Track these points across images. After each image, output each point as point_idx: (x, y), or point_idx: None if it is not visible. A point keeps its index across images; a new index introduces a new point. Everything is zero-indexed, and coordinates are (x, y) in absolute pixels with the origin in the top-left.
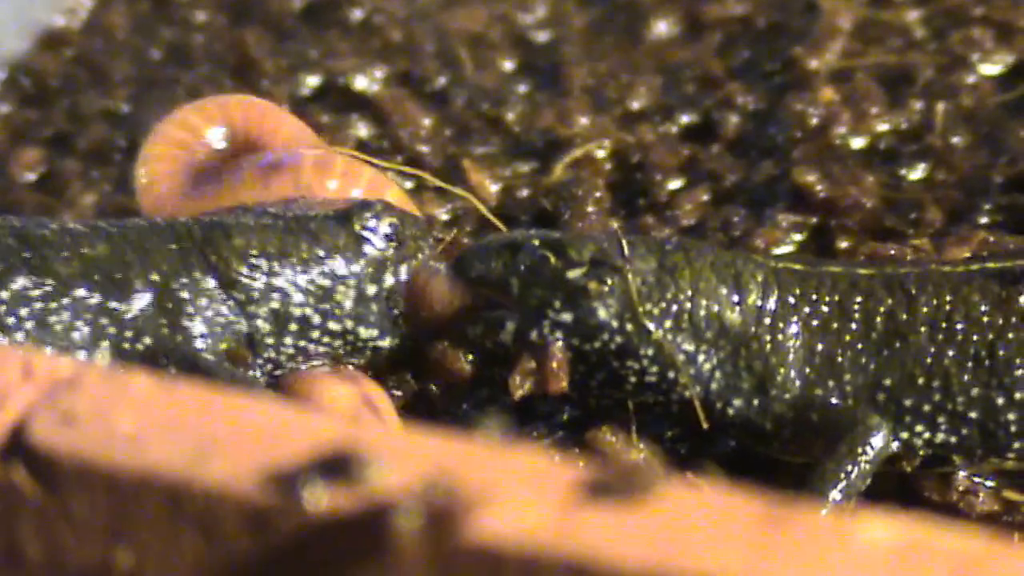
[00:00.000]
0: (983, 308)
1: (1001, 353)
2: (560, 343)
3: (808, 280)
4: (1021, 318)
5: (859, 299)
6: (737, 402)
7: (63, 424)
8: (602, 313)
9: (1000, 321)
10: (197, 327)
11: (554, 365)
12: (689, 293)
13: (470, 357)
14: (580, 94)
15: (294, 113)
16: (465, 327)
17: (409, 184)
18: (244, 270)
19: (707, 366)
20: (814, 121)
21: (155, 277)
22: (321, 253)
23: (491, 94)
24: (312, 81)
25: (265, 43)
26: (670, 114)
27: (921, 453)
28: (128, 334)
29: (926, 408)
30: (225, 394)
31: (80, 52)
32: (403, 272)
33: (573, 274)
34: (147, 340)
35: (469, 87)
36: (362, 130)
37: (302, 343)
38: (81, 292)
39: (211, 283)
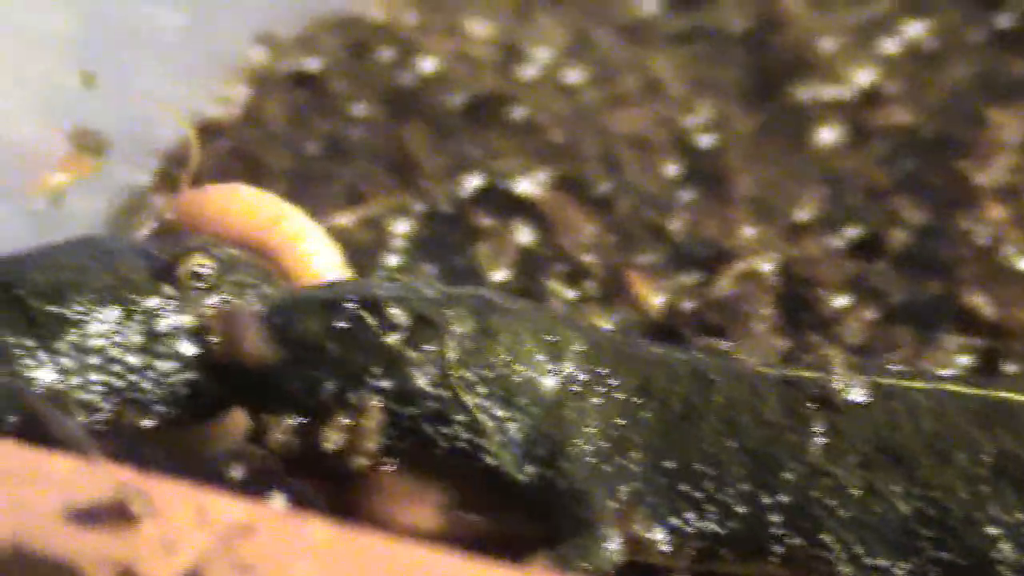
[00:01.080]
0: (772, 407)
1: (775, 453)
2: (378, 405)
3: (622, 353)
4: (802, 424)
5: (663, 379)
6: (529, 469)
7: (240, 574)
8: (420, 381)
9: (784, 423)
10: (31, 371)
11: (370, 423)
12: (505, 359)
13: (290, 421)
14: (745, 203)
15: (454, 213)
16: (282, 383)
17: (572, 295)
18: (38, 304)
19: (516, 433)
20: (981, 240)
21: None
22: (113, 283)
23: (655, 201)
24: (473, 182)
25: (425, 140)
26: (836, 227)
27: (692, 546)
28: None
29: (698, 495)
30: (409, 544)
31: (235, 143)
32: (207, 312)
33: (392, 339)
34: None
35: (633, 193)
36: (524, 236)
37: (107, 379)
38: None
39: (21, 322)
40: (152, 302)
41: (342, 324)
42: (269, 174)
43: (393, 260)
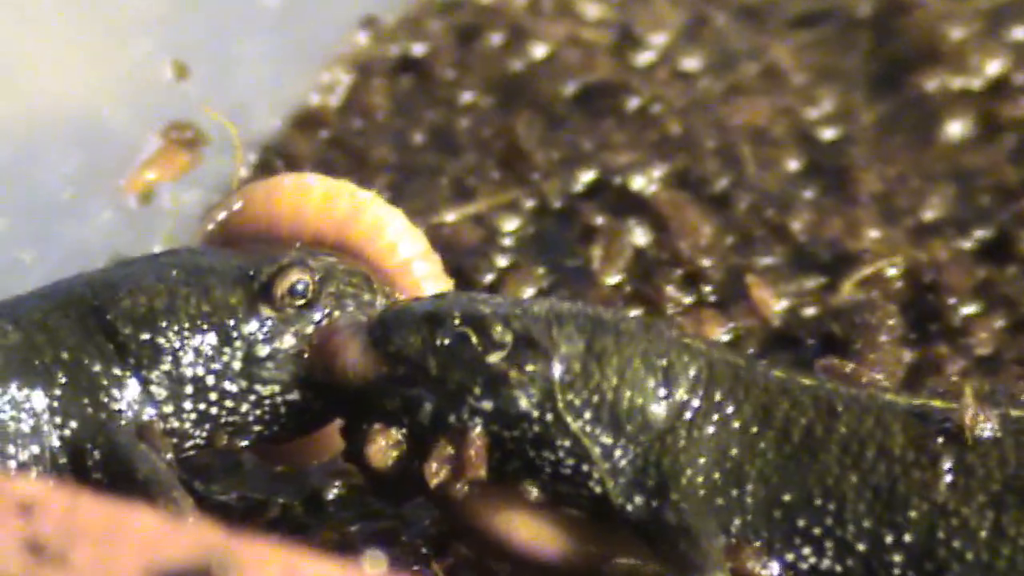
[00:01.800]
0: (899, 441)
1: (901, 490)
2: (479, 429)
3: (740, 378)
4: (930, 459)
5: (784, 407)
6: (638, 499)
7: None
8: (523, 403)
9: (910, 458)
10: (115, 402)
11: (472, 453)
12: (614, 383)
13: (395, 435)
14: (869, 202)
15: (565, 209)
16: (382, 400)
17: (689, 300)
18: (129, 331)
19: (623, 461)
20: None
21: (65, 355)
22: (208, 310)
23: (776, 199)
24: (586, 177)
25: (535, 130)
26: (964, 228)
27: None
28: (57, 420)
29: (816, 531)
30: None
31: (336, 134)
32: (308, 331)
33: (494, 359)
34: (73, 424)
35: (752, 190)
36: (639, 237)
37: (202, 407)
38: (13, 386)
39: (111, 349)
40: (250, 327)
41: (445, 341)
42: (371, 166)
43: (502, 260)
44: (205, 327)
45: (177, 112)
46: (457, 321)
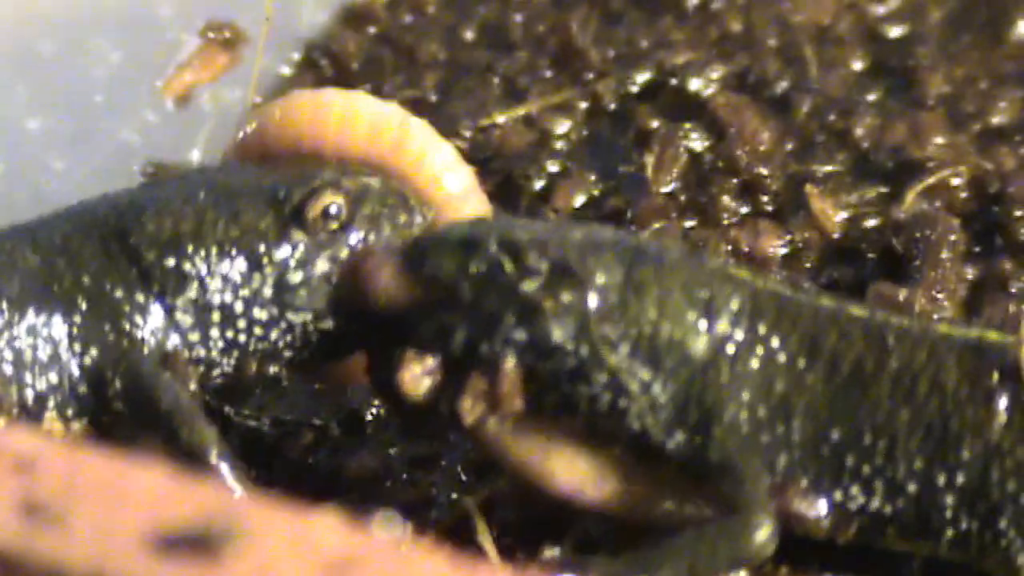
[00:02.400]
0: (952, 376)
1: (954, 428)
2: (513, 361)
3: (786, 309)
4: (985, 396)
5: (832, 338)
6: (679, 436)
7: None
8: (557, 334)
9: (964, 394)
10: (138, 329)
11: (507, 386)
12: (653, 316)
13: (430, 361)
14: (935, 105)
15: (620, 111)
16: (416, 326)
17: (745, 210)
18: (153, 257)
19: (662, 396)
20: None
21: (86, 280)
22: (237, 234)
23: (838, 102)
24: (642, 78)
25: (590, 27)
26: None
27: (855, 522)
28: (77, 348)
29: (866, 469)
30: None
31: (385, 30)
32: (343, 255)
33: (528, 287)
34: (94, 352)
35: (814, 92)
36: (695, 143)
37: (230, 334)
38: (30, 312)
39: (134, 274)
40: (281, 251)
41: (479, 266)
42: (420, 64)
43: (553, 166)
44: (234, 252)
45: (220, 10)
46: (493, 247)
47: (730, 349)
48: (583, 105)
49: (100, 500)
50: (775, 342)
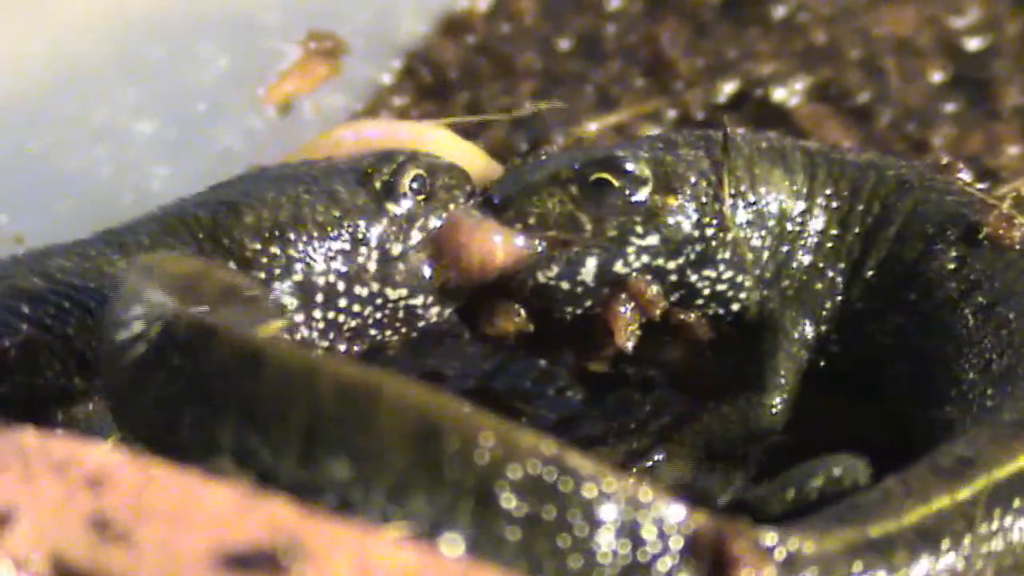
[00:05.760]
0: (931, 223)
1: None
2: (645, 270)
3: (833, 162)
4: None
5: (871, 182)
6: (755, 294)
7: None
8: (686, 226)
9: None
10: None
11: (651, 292)
12: (749, 182)
13: (524, 314)
14: (1011, 117)
15: (709, 121)
16: (534, 273)
17: None
18: (259, 246)
19: (766, 262)
20: None
21: None
22: (338, 214)
23: (918, 113)
24: (729, 88)
25: (681, 38)
26: None
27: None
28: None
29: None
30: None
31: (483, 39)
32: (434, 226)
33: (644, 194)
34: None
35: (894, 103)
36: None
37: (331, 314)
38: None
39: (232, 268)
40: (381, 226)
41: (588, 192)
42: (517, 73)
43: None
44: (336, 232)
45: (322, 19)
46: (592, 170)
47: (801, 203)
48: (672, 114)
49: (168, 518)
50: (829, 189)
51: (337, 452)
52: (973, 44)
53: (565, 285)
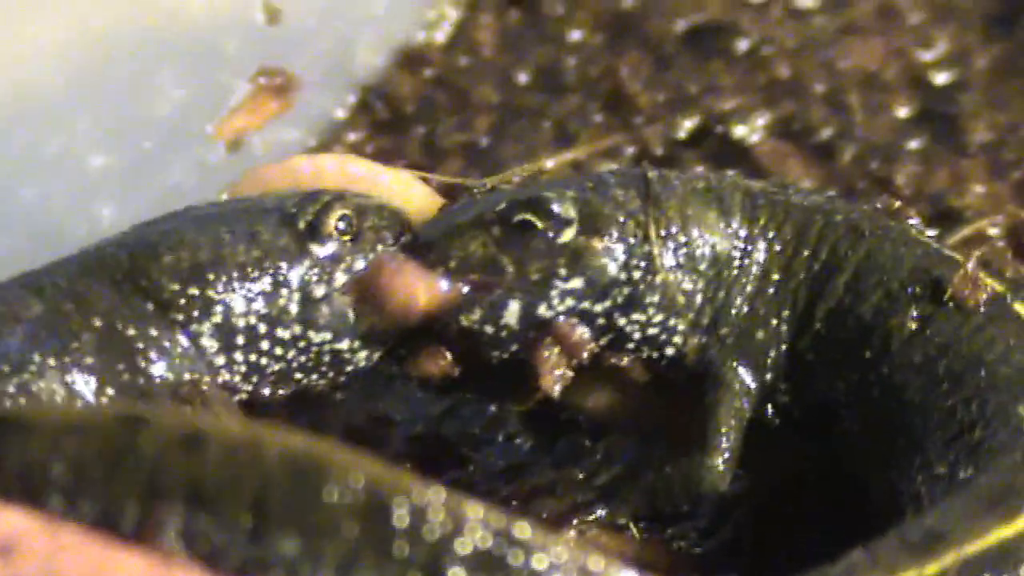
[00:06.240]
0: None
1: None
2: (571, 313)
3: (778, 202)
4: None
5: (818, 226)
6: (693, 340)
7: None
8: (613, 268)
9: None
10: (153, 365)
11: (577, 335)
12: (681, 224)
13: (449, 357)
14: (976, 153)
15: (668, 157)
16: (457, 316)
17: None
18: (177, 287)
19: (703, 306)
20: None
21: (97, 322)
22: (259, 255)
23: (881, 149)
24: (689, 124)
25: (642, 71)
26: None
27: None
28: (93, 388)
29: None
30: None
31: (441, 72)
32: (359, 268)
33: (569, 235)
34: (109, 391)
35: (858, 139)
36: None
37: (252, 357)
38: (36, 358)
39: (150, 309)
40: (303, 268)
41: (510, 235)
42: (474, 106)
43: None
44: (256, 274)
45: (279, 47)
46: (515, 212)
47: (739, 245)
48: (631, 150)
49: None
50: (771, 233)
51: (286, 527)
52: (941, 78)
53: (489, 329)
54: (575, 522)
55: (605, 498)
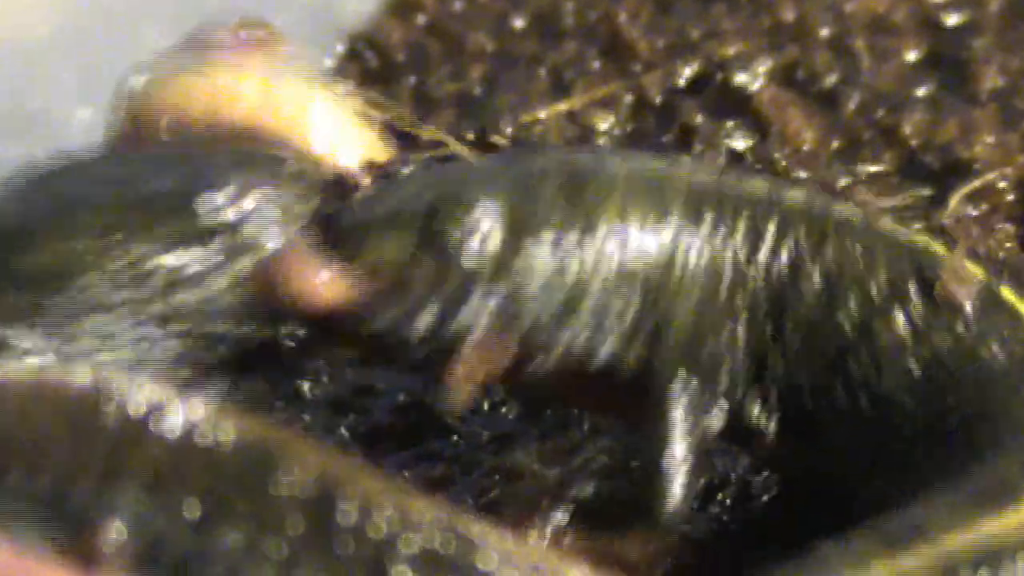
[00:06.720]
0: (876, 279)
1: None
2: (495, 315)
3: (728, 196)
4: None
5: (775, 224)
6: (636, 349)
7: None
8: (538, 276)
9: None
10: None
11: (497, 347)
12: (616, 226)
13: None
14: (987, 101)
15: (665, 106)
16: (369, 318)
17: None
18: (42, 284)
19: (641, 313)
20: None
21: None
22: (131, 260)
23: (888, 97)
24: (689, 71)
25: (642, 17)
26: None
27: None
28: None
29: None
30: None
31: (433, 19)
32: (260, 255)
33: (494, 243)
34: None
35: (863, 87)
36: (738, 142)
37: (125, 355)
38: None
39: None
40: (175, 256)
41: (429, 240)
42: (467, 54)
43: None
44: (151, 262)
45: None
46: (438, 214)
47: (681, 248)
48: (628, 99)
49: None
50: (722, 229)
51: (232, 518)
52: (952, 19)
53: (399, 334)
54: (556, 505)
55: (590, 472)
